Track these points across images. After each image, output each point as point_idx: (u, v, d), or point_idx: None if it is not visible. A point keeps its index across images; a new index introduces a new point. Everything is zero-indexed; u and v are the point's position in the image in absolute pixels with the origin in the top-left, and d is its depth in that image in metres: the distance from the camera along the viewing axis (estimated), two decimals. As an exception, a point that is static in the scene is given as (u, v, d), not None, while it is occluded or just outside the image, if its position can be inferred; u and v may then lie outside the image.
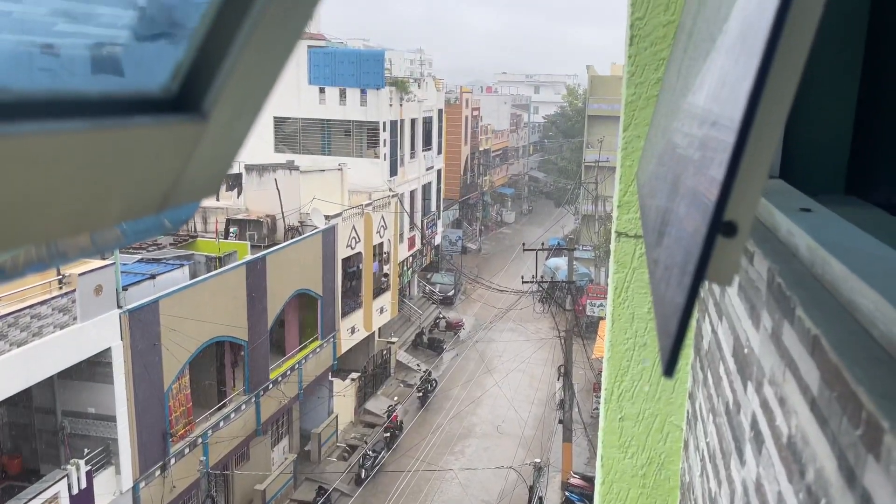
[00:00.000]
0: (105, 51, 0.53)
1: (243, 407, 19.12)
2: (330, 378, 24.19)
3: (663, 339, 0.86)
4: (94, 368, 14.63)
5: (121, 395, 14.83)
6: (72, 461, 13.94)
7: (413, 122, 33.29)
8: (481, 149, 53.56)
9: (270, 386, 20.39)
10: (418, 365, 30.10)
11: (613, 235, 2.61)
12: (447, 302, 38.22)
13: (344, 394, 24.91)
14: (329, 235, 23.14)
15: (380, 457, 22.89)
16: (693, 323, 2.53)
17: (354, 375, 25.79)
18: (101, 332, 14.24)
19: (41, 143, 0.42)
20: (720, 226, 0.73)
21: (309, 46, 28.92)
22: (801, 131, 2.00)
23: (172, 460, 16.34)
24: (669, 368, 0.73)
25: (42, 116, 0.43)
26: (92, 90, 0.49)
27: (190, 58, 0.56)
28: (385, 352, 28.96)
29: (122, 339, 14.70)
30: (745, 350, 1.49)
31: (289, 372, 21.49)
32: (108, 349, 14.45)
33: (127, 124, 0.47)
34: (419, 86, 33.88)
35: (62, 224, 0.44)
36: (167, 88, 0.54)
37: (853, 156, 2.00)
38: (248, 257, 19.24)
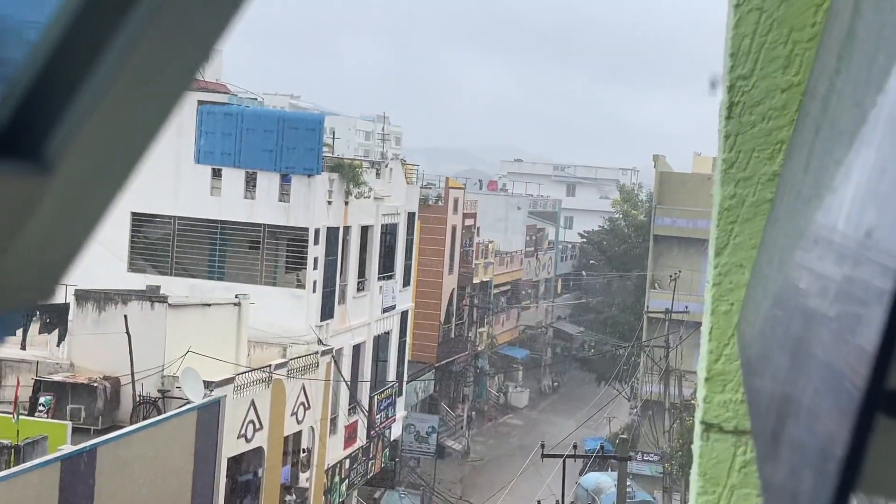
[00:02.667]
0: None
1: None
2: None
3: None
4: None
5: None
6: None
7: (366, 231, 33.84)
8: (477, 280, 54.17)
9: None
10: None
11: (698, 430, 2.61)
12: (407, 543, 37.40)
13: None
14: (210, 416, 22.83)
15: None
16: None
17: None
18: None
19: None
20: (881, 400, 0.75)
21: (200, 102, 29.72)
22: None
23: None
24: None
25: None
26: None
27: (27, 83, 0.59)
28: None
29: None
30: None
31: None
32: None
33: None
34: (378, 173, 34.70)
35: None
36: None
37: None
38: (67, 449, 18.85)
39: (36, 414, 21.34)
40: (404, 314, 38.86)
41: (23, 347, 22.97)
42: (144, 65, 0.62)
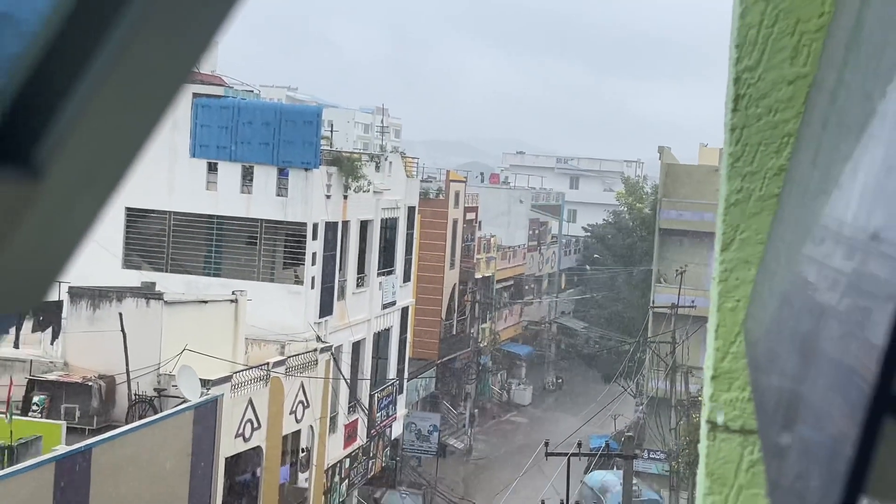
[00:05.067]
0: None
1: None
2: None
3: None
4: None
5: None
6: None
7: (365, 226, 33.83)
8: (479, 276, 54.18)
9: None
10: None
11: (704, 429, 2.61)
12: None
13: None
14: (207, 416, 22.84)
15: None
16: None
17: None
18: None
19: None
20: (889, 403, 0.75)
21: (195, 94, 29.70)
22: None
23: None
24: None
25: None
26: None
27: (14, 88, 0.59)
28: None
29: None
30: None
31: None
32: None
33: None
34: (377, 167, 34.68)
35: None
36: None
37: None
38: (62, 450, 18.85)
39: (30, 414, 21.34)
40: (405, 310, 38.87)
41: (16, 346, 22.98)
42: (138, 63, 0.61)
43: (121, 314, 22.88)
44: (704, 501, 2.61)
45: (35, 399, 21.94)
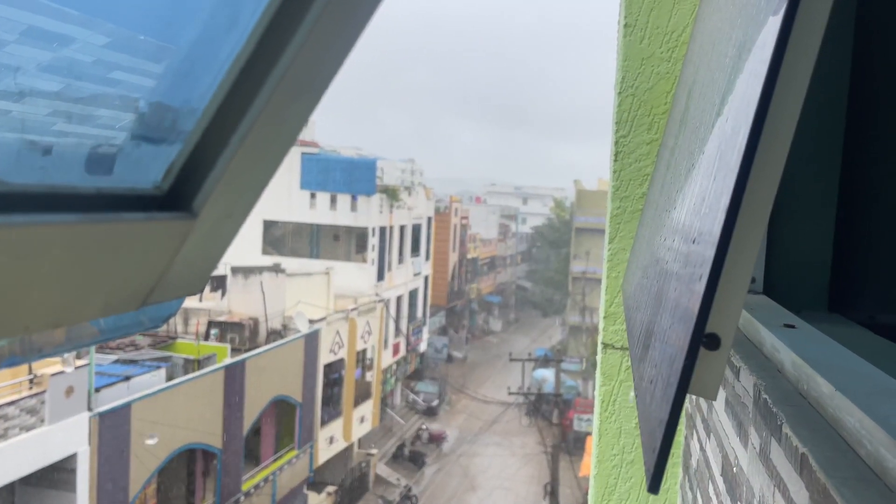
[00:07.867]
0: (99, 149, 0.55)
1: (211, 520, 18.22)
2: (305, 491, 23.25)
3: (648, 454, 0.84)
4: (56, 475, 14.01)
5: (82, 505, 14.14)
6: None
7: (402, 228, 33.77)
8: (469, 257, 54.12)
9: (242, 498, 19.53)
10: (398, 479, 29.08)
11: (600, 347, 2.60)
12: (431, 412, 37.44)
13: (319, 509, 23.85)
14: (312, 340, 22.88)
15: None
16: (681, 440, 2.49)
17: (331, 489, 24.80)
18: (69, 436, 13.74)
19: (33, 234, 0.43)
20: (702, 338, 0.73)
21: (302, 153, 29.70)
22: (783, 250, 2.05)
23: (131, 578, 15.38)
24: (654, 485, 0.72)
25: (35, 209, 0.44)
26: (85, 186, 0.51)
27: (182, 158, 0.58)
28: (364, 464, 28.01)
29: (89, 445, 14.17)
30: (734, 469, 1.46)
31: (262, 483, 20.65)
32: (74, 455, 13.89)
33: (117, 219, 0.48)
34: (409, 194, 34.62)
35: (48, 315, 0.45)
36: (159, 186, 0.55)
37: (835, 276, 2.04)
38: (228, 361, 18.90)
39: (208, 340, 21.42)
40: (426, 277, 38.82)
41: (200, 300, 23.03)
42: (259, 145, 0.61)
43: (261, 282, 22.90)
44: (601, 390, 2.62)
45: (211, 331, 21.99)
